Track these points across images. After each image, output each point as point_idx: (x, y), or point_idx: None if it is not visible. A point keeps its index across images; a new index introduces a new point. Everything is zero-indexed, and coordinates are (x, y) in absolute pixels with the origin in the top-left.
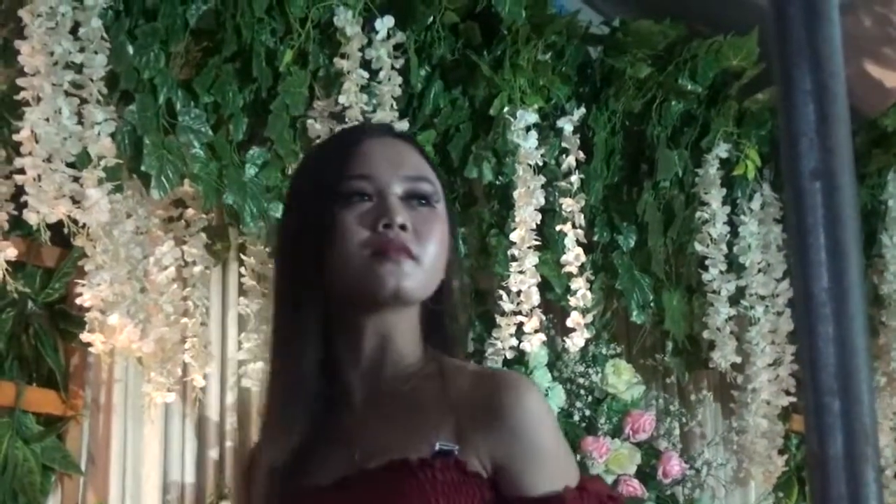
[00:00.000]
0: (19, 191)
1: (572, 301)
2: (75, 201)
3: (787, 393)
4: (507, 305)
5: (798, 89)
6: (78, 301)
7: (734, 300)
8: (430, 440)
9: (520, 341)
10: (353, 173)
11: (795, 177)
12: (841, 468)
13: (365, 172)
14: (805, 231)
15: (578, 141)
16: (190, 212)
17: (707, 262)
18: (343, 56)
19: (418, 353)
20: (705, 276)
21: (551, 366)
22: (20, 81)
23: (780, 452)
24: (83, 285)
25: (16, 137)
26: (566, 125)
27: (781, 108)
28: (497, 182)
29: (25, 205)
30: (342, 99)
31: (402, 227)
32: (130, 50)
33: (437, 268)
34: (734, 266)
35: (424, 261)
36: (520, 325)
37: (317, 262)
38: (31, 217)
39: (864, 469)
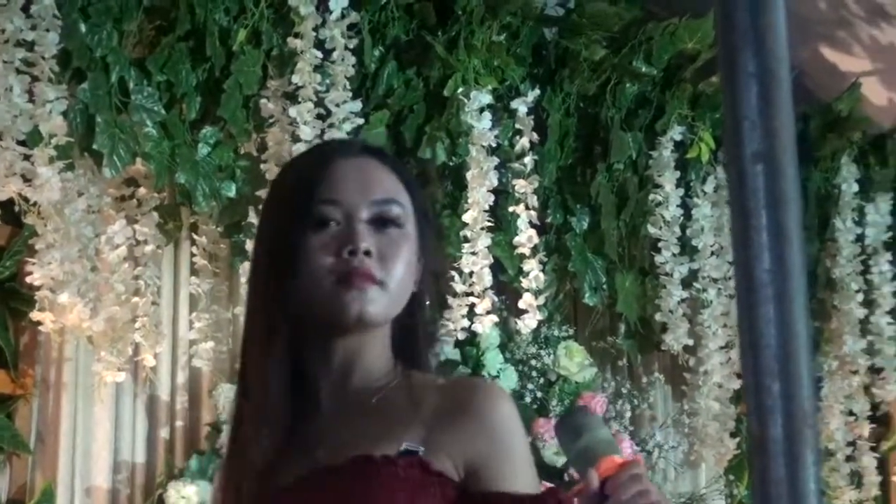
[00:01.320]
0: None
1: (525, 282)
2: (26, 179)
3: (739, 376)
4: (459, 286)
5: (742, 72)
6: (28, 279)
7: (687, 283)
8: (396, 442)
9: (472, 322)
10: (321, 198)
11: (738, 159)
12: (780, 450)
13: (333, 197)
14: (747, 213)
15: (532, 122)
16: (142, 191)
17: (660, 245)
18: (297, 35)
19: (387, 368)
20: (658, 259)
21: (503, 347)
22: None
23: (732, 435)
24: (34, 264)
25: None
26: (520, 106)
27: (725, 91)
28: (450, 163)
29: None
30: (295, 79)
31: (367, 253)
32: (83, 28)
33: (403, 289)
34: (687, 249)
35: (390, 285)
36: (472, 307)
37: (285, 286)
38: None
39: (804, 451)
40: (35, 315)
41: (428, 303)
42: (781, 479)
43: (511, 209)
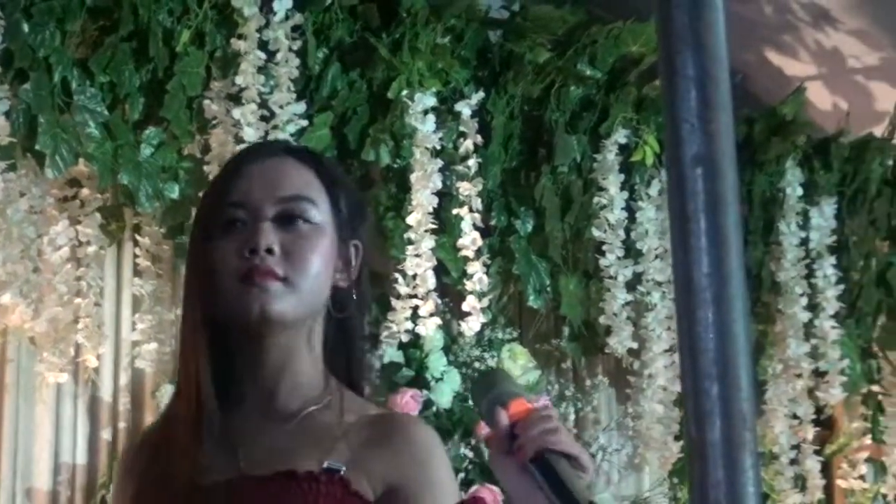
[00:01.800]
0: None
1: (469, 285)
2: None
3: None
4: (402, 289)
5: (681, 75)
6: None
7: (631, 286)
8: (318, 459)
9: (415, 325)
10: (228, 201)
11: (677, 163)
12: (719, 453)
13: (239, 199)
14: (686, 217)
15: (476, 125)
16: (85, 191)
17: (604, 248)
18: (240, 37)
19: (318, 379)
20: (602, 262)
21: (447, 350)
22: None
23: (676, 438)
24: None
25: None
26: (464, 109)
27: (665, 94)
28: (394, 165)
29: None
30: (239, 80)
31: (269, 251)
32: (26, 28)
33: (316, 285)
34: (631, 252)
35: (297, 281)
36: (415, 309)
37: (201, 290)
38: None
39: (742, 455)
40: None
41: (356, 297)
42: (720, 483)
43: (455, 212)
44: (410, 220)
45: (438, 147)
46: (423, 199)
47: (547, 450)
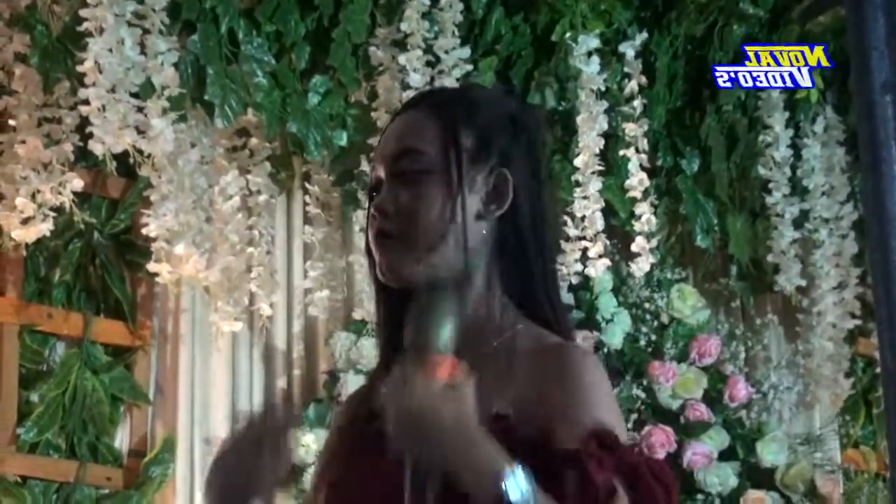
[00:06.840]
0: (84, 122)
1: (637, 226)
2: (140, 131)
3: (853, 315)
4: (571, 231)
5: (868, 2)
6: (144, 231)
7: (798, 223)
8: (488, 403)
9: (584, 266)
10: (374, 160)
11: (866, 90)
12: None
13: (376, 160)
14: (877, 144)
15: (640, 66)
16: (254, 141)
17: (770, 186)
18: None
19: (493, 314)
20: (769, 200)
21: (616, 291)
22: (83, 12)
23: (847, 375)
24: (149, 215)
25: (79, 68)
26: (628, 50)
27: (851, 23)
28: (560, 107)
29: (91, 136)
30: (404, 26)
31: (383, 213)
32: None
33: (432, 237)
34: (798, 189)
35: (411, 235)
36: (584, 251)
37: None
38: (96, 148)
39: None
40: (152, 266)
41: (527, 224)
42: None
43: (621, 153)
44: (577, 161)
45: (603, 88)
46: (589, 141)
47: None
